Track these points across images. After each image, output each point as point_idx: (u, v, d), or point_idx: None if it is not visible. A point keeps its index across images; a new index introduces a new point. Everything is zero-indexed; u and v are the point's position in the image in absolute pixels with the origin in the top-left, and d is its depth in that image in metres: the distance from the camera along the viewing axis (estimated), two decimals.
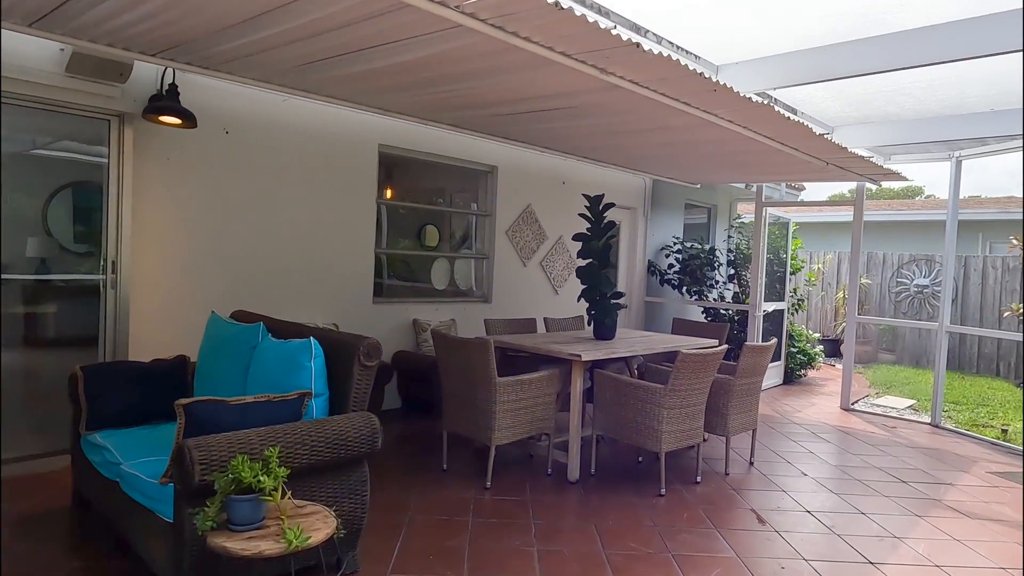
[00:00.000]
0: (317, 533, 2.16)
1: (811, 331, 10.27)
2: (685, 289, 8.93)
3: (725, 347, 4.61)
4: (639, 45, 2.93)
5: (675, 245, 9.16)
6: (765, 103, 4.06)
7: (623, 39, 2.87)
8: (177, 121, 4.24)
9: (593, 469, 4.61)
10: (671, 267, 9.05)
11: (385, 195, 6.18)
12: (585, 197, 5.21)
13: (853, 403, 7.47)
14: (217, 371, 3.35)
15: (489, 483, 4.19)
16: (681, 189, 8.88)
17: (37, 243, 4.20)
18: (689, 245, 9.18)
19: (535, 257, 7.39)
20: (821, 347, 9.88)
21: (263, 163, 5.04)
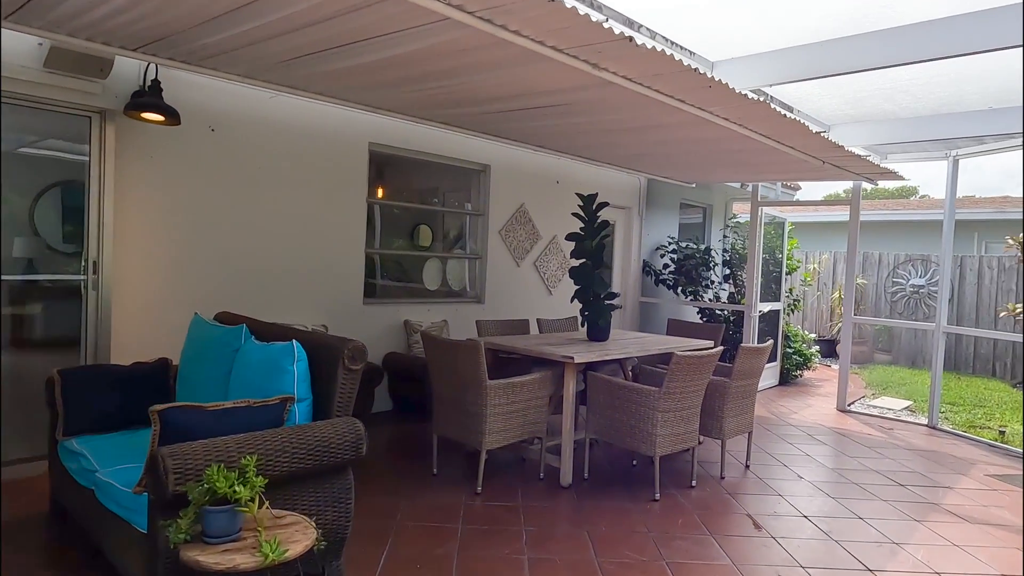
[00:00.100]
0: (295, 546, 2.08)
1: (807, 332, 10.23)
2: (680, 289, 8.86)
3: (721, 348, 4.53)
4: (632, 39, 2.84)
5: (670, 245, 9.09)
6: (761, 100, 3.98)
7: (616, 33, 2.79)
8: (160, 118, 4.14)
9: (586, 473, 4.53)
10: (666, 267, 8.97)
11: (376, 194, 6.10)
12: (579, 196, 5.13)
13: (849, 404, 7.40)
14: (199, 375, 3.25)
15: (480, 488, 4.11)
16: (676, 188, 8.81)
17: (24, 243, 4.11)
18: (684, 245, 9.11)
19: (528, 257, 7.30)
20: (817, 348, 9.83)
21: (250, 161, 4.94)
